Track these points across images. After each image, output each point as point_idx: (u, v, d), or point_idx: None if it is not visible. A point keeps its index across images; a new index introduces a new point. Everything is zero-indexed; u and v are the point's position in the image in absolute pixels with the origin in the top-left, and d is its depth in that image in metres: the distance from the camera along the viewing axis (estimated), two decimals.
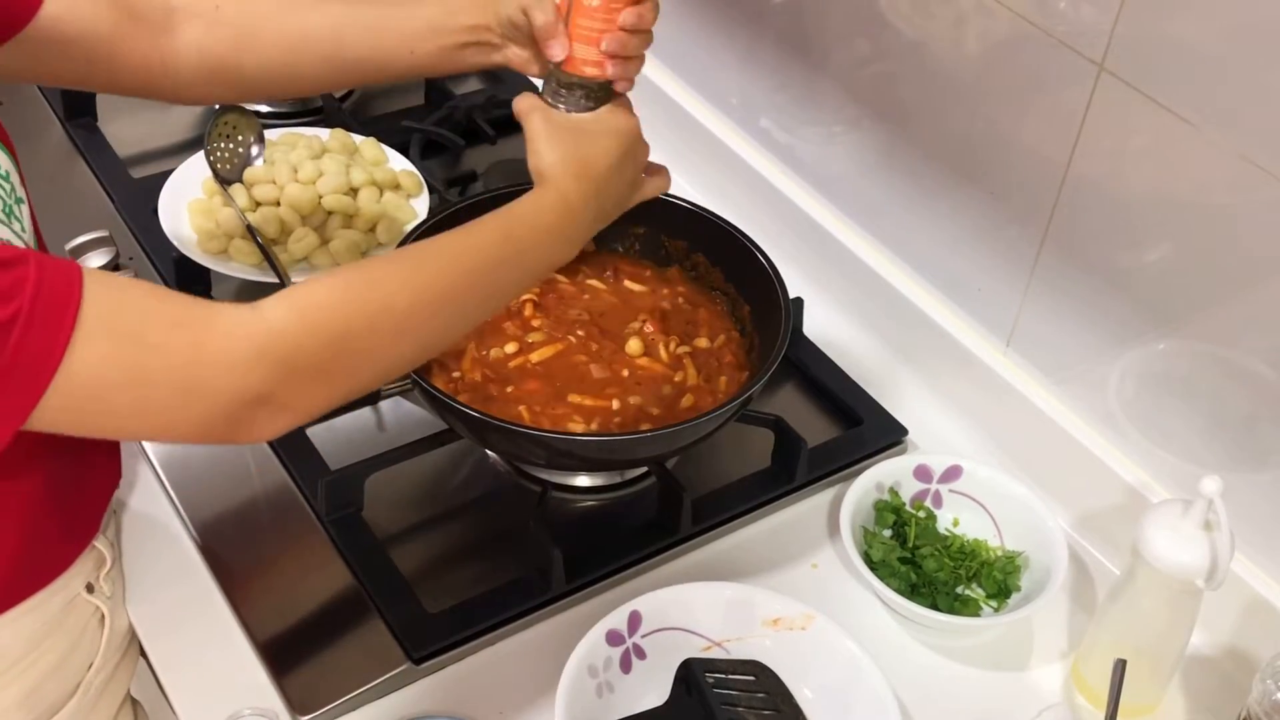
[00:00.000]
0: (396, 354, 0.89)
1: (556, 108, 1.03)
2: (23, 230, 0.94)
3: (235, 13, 1.06)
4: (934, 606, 1.13)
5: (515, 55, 1.07)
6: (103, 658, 1.08)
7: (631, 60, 1.04)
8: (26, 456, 0.91)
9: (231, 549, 1.16)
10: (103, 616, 1.07)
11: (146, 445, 1.22)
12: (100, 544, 1.07)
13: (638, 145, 1.05)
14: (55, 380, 0.75)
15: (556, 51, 1.02)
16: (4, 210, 0.91)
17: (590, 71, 1.03)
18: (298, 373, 0.82)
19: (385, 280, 0.87)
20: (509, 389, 1.18)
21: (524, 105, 1.02)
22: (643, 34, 1.03)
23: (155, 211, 1.41)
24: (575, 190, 0.98)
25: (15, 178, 0.96)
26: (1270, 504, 1.09)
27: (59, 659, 1.03)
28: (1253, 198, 1.01)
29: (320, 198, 1.41)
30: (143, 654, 1.12)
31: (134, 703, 1.17)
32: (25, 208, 0.96)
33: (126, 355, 0.78)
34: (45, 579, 1.00)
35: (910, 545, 1.18)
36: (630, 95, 1.07)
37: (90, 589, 1.05)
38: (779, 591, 1.11)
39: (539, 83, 1.07)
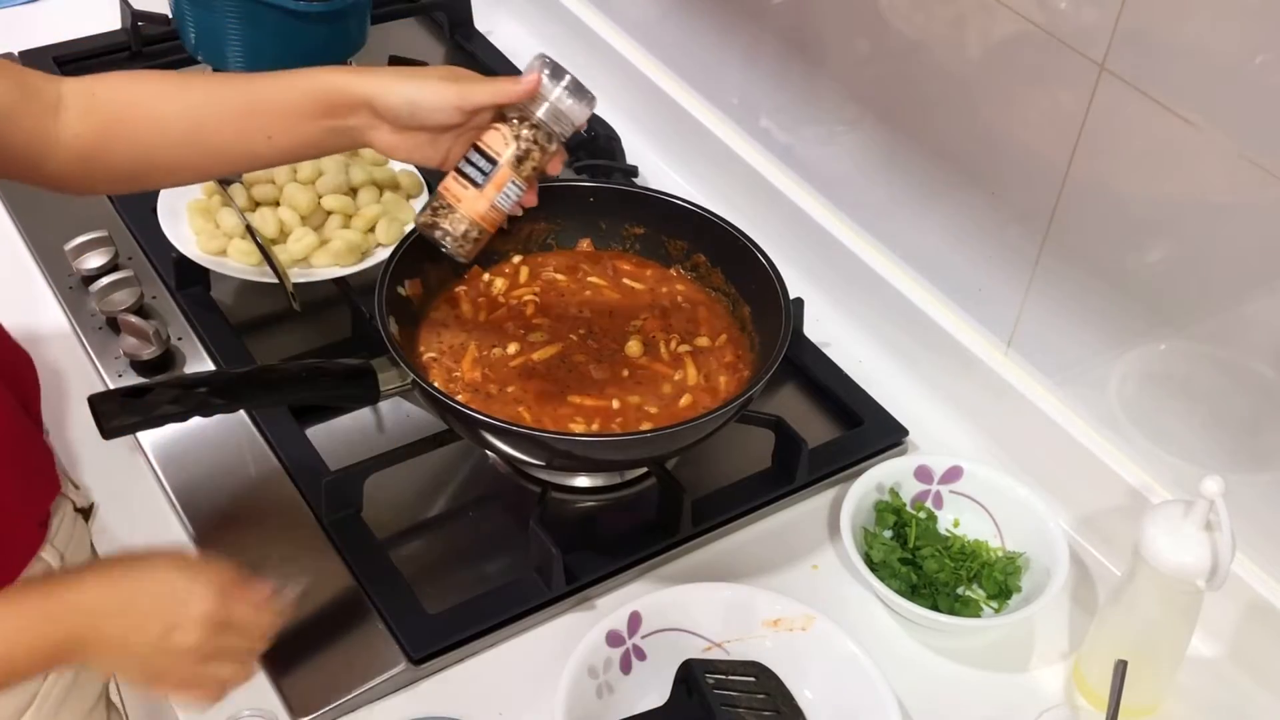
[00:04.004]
0: None
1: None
2: None
3: (107, 100, 1.02)
4: (934, 607, 1.13)
5: (383, 139, 1.04)
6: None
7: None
8: None
9: (231, 550, 1.15)
10: None
11: (145, 445, 1.22)
12: (48, 555, 1.04)
13: (186, 628, 0.92)
14: None
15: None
16: None
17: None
18: None
19: None
20: (509, 389, 1.18)
21: None
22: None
23: (154, 211, 1.40)
24: (80, 600, 0.90)
25: None
26: (1271, 505, 1.08)
27: None
28: (1253, 198, 1.01)
29: (319, 198, 1.41)
30: None
31: (109, 705, 1.15)
32: None
33: None
34: None
35: (911, 546, 1.18)
36: (631, 95, 1.07)
37: None
38: (779, 592, 1.11)
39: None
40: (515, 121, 1.05)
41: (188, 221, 1.41)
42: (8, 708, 1.02)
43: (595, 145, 1.60)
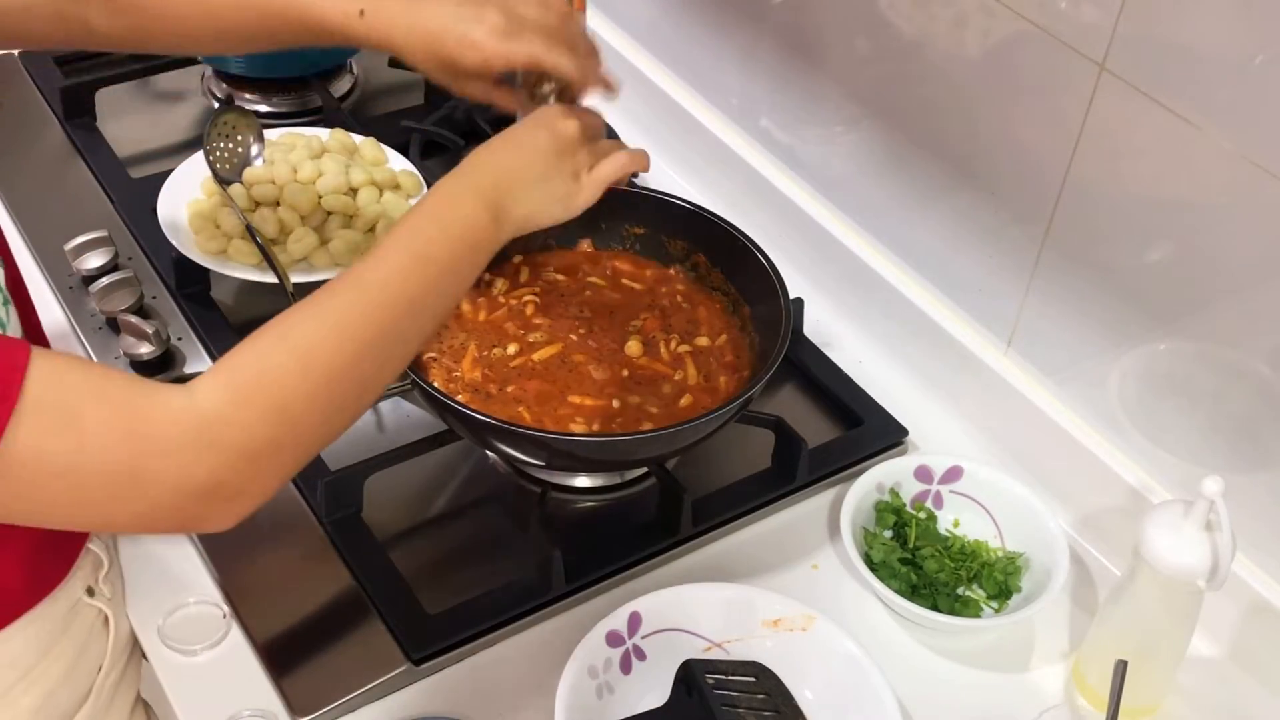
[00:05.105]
0: (343, 412, 0.86)
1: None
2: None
3: (129, 4, 1.05)
4: (934, 607, 1.13)
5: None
6: (110, 660, 1.08)
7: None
8: None
9: (231, 550, 1.15)
10: (106, 619, 1.07)
11: None
12: (95, 546, 1.06)
13: (555, 119, 0.99)
14: None
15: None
16: None
17: None
18: (246, 456, 0.79)
19: (318, 342, 0.83)
20: (509, 389, 1.18)
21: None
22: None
23: (154, 211, 1.40)
24: (472, 160, 0.96)
25: None
26: (1272, 504, 1.08)
27: (69, 665, 1.03)
28: (1253, 198, 1.01)
29: (320, 198, 1.41)
30: (143, 655, 1.12)
31: (145, 705, 1.17)
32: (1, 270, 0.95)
33: (63, 445, 0.75)
34: (48, 586, 1.00)
35: (911, 546, 1.18)
36: (631, 94, 1.07)
37: (91, 592, 1.05)
38: (779, 592, 1.11)
39: None
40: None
41: (188, 221, 1.41)
42: (63, 703, 1.04)
43: None
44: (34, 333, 1.08)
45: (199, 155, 1.45)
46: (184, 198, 1.43)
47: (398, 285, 0.88)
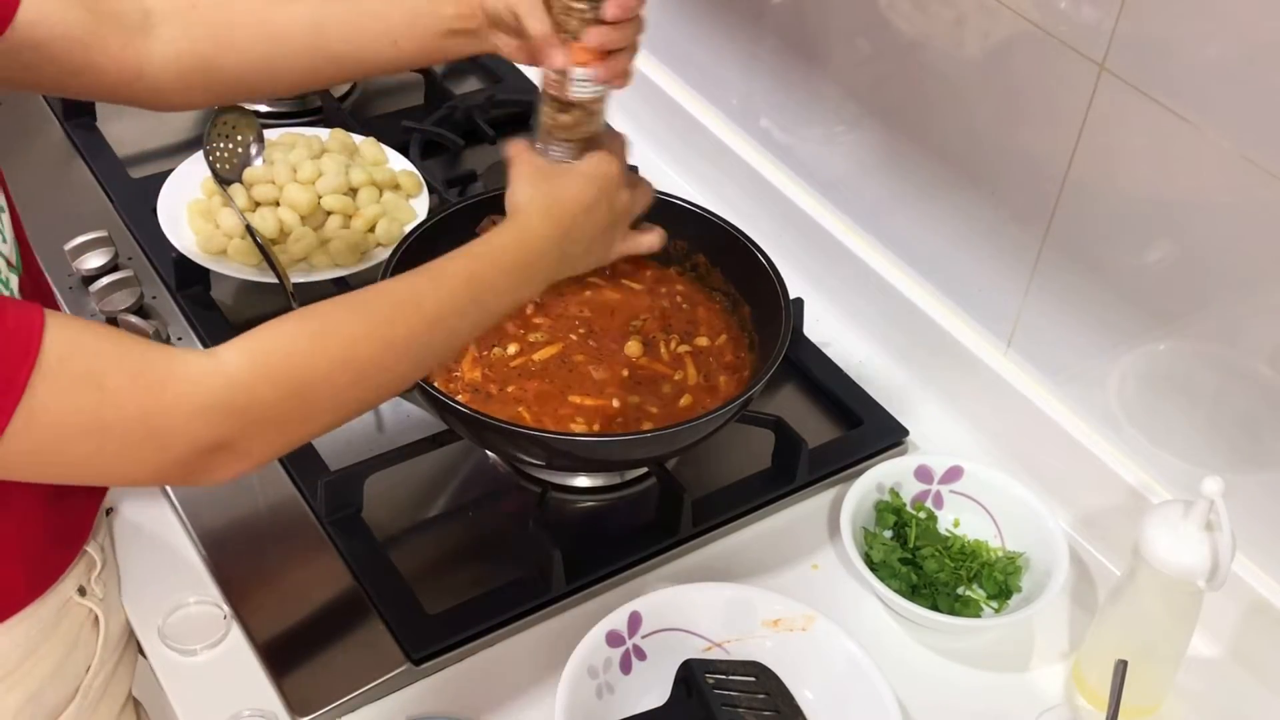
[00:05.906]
0: (353, 401, 0.89)
1: (545, 154, 1.03)
2: (3, 241, 0.93)
3: (211, 11, 1.04)
4: (934, 607, 1.13)
5: (505, 43, 1.04)
6: (99, 660, 1.08)
7: (622, 54, 1.00)
8: None
9: (231, 550, 1.15)
10: (96, 619, 1.07)
11: None
12: (90, 548, 1.06)
13: (616, 191, 1.01)
14: (11, 426, 0.75)
15: (557, 59, 0.99)
16: None
17: (579, 90, 1.01)
18: (255, 423, 0.83)
19: (346, 329, 0.87)
20: (509, 389, 1.18)
21: (513, 149, 1.03)
22: (628, 23, 0.99)
23: (154, 212, 1.40)
24: (539, 225, 0.97)
25: None
26: (1272, 504, 1.08)
27: (56, 664, 1.03)
28: (1253, 198, 1.01)
29: (319, 198, 1.41)
30: (142, 654, 1.12)
31: (136, 704, 1.17)
32: (5, 216, 0.95)
33: (85, 403, 0.78)
34: (41, 586, 1.00)
35: (911, 546, 1.18)
36: (631, 95, 1.07)
37: (82, 592, 1.05)
38: (779, 592, 1.11)
39: (530, 74, 1.05)
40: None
41: (188, 221, 1.41)
42: (49, 701, 1.04)
43: None
44: None
45: (199, 155, 1.45)
46: (184, 198, 1.43)
47: (443, 311, 0.91)
